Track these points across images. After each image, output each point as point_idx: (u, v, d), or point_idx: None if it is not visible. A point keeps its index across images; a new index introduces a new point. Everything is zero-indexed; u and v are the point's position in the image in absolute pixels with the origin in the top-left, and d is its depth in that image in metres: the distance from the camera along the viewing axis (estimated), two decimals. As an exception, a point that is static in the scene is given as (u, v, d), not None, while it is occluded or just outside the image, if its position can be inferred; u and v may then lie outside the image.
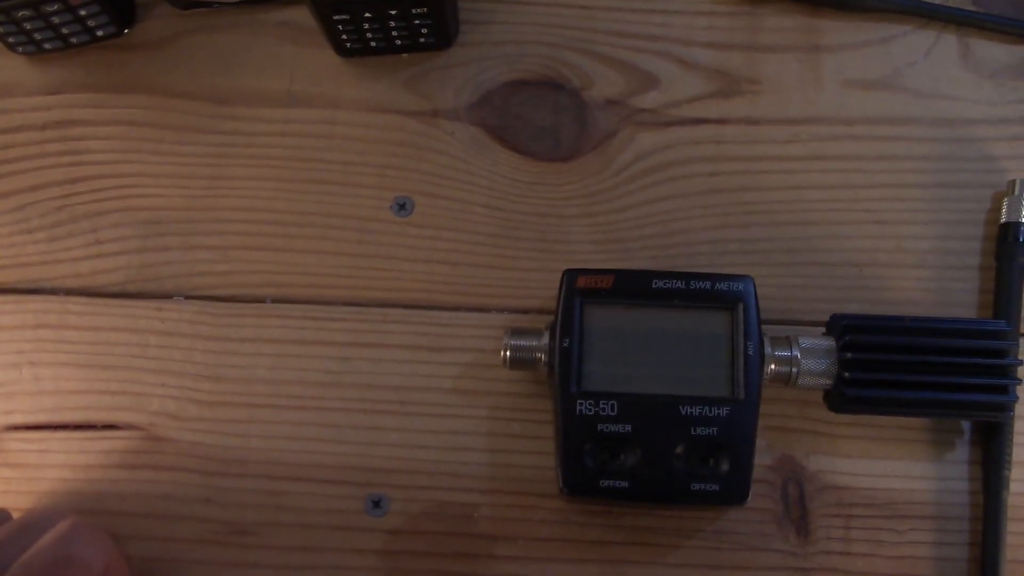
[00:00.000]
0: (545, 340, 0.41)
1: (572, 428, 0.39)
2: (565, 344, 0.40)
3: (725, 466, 0.39)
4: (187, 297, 0.45)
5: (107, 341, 0.45)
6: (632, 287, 0.41)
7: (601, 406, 0.39)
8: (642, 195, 0.46)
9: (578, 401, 0.39)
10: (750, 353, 0.39)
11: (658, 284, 0.40)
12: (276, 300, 0.45)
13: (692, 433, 0.39)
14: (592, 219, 0.46)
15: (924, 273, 0.45)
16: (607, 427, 0.39)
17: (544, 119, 0.47)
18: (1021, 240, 0.43)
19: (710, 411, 0.39)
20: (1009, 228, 0.44)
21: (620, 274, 0.41)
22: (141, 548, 0.43)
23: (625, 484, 0.39)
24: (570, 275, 0.41)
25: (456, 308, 0.45)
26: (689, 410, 0.39)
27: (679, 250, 0.45)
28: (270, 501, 0.43)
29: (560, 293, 0.41)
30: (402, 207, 0.46)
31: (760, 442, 0.42)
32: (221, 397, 0.44)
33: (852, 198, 0.46)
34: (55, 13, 0.45)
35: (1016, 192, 0.44)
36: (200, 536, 0.43)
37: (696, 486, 0.39)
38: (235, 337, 0.45)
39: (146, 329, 0.45)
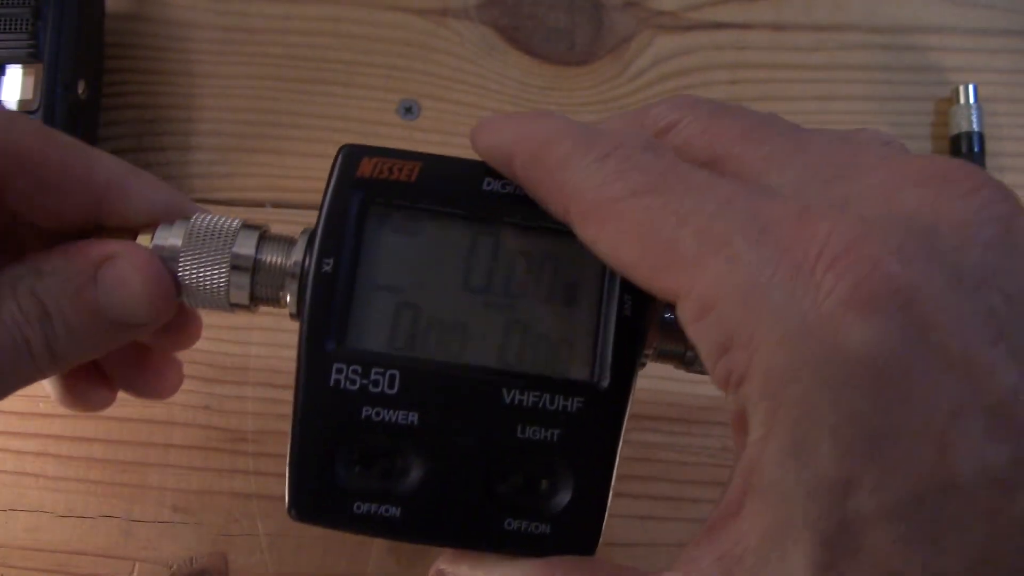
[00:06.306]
0: (297, 256, 0.26)
1: (318, 411, 0.25)
2: (327, 268, 0.25)
3: (564, 496, 0.24)
4: (184, 200, 0.44)
5: (102, 244, 0.43)
6: (449, 187, 0.25)
7: (373, 378, 0.24)
8: (659, 103, 0.44)
9: (335, 366, 0.24)
10: (627, 314, 0.25)
11: (492, 187, 0.25)
12: (276, 205, 0.44)
13: (518, 436, 0.24)
14: (606, 127, 0.44)
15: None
16: (378, 414, 0.24)
17: (558, 20, 0.45)
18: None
19: (551, 403, 0.24)
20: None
21: (430, 162, 0.25)
22: (138, 453, 0.42)
23: (396, 512, 0.24)
24: (348, 155, 0.25)
25: (463, 216, 0.43)
26: (517, 397, 0.24)
27: (696, 161, 0.44)
28: (271, 409, 0.42)
29: (329, 182, 0.25)
30: (408, 110, 0.44)
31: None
32: (220, 303, 0.43)
33: (878, 110, 0.44)
34: None
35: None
36: (199, 443, 0.42)
37: (512, 524, 0.24)
38: (234, 242, 0.43)
39: (142, 232, 0.43)
